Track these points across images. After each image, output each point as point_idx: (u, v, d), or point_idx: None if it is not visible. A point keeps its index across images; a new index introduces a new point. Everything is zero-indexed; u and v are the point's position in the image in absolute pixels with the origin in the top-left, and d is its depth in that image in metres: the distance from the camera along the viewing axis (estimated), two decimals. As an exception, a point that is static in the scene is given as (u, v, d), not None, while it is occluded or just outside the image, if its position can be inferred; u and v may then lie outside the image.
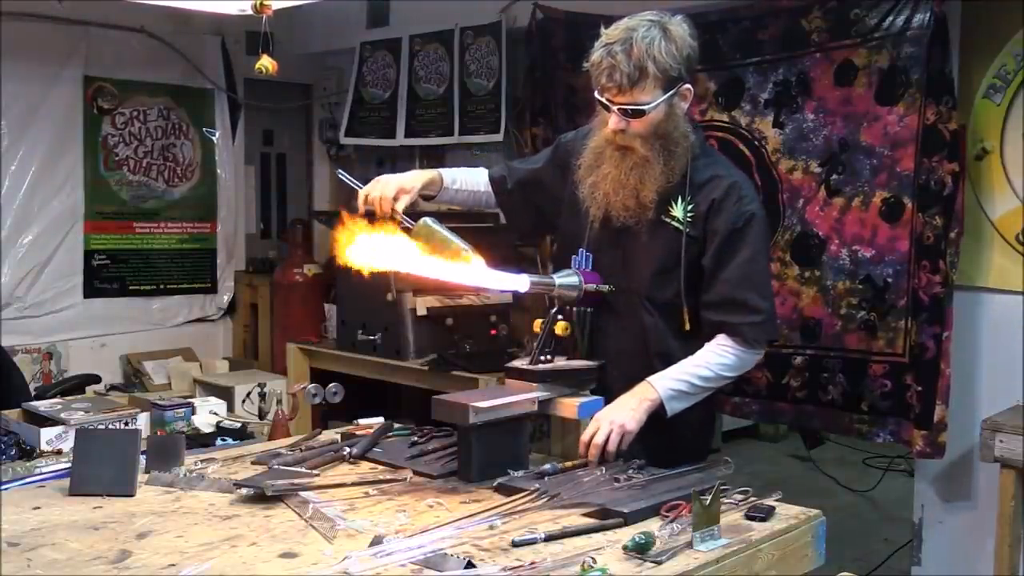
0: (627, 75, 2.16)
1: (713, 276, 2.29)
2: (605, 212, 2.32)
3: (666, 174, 2.26)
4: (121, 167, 5.37)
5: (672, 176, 2.26)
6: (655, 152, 2.25)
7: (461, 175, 2.56)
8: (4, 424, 2.60)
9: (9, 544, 1.68)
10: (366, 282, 4.47)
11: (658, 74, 2.17)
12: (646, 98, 2.19)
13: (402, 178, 2.40)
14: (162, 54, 5.41)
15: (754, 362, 2.34)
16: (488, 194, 2.59)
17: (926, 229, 3.32)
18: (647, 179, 2.25)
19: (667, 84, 2.20)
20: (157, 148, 5.50)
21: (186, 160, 5.61)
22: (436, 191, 2.51)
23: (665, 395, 2.23)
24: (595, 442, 2.16)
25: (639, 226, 2.30)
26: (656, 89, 2.19)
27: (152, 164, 5.48)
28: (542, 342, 2.26)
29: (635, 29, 2.19)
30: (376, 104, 5.42)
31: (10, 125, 4.92)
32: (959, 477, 3.49)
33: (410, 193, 2.38)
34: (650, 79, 2.17)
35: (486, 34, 4.88)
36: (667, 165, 2.26)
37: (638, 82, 2.17)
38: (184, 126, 5.60)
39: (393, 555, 1.59)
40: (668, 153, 2.25)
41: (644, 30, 2.18)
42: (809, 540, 1.86)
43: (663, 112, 2.22)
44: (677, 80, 2.21)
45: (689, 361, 2.27)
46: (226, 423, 2.98)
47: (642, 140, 2.24)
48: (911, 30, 3.34)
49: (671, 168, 2.26)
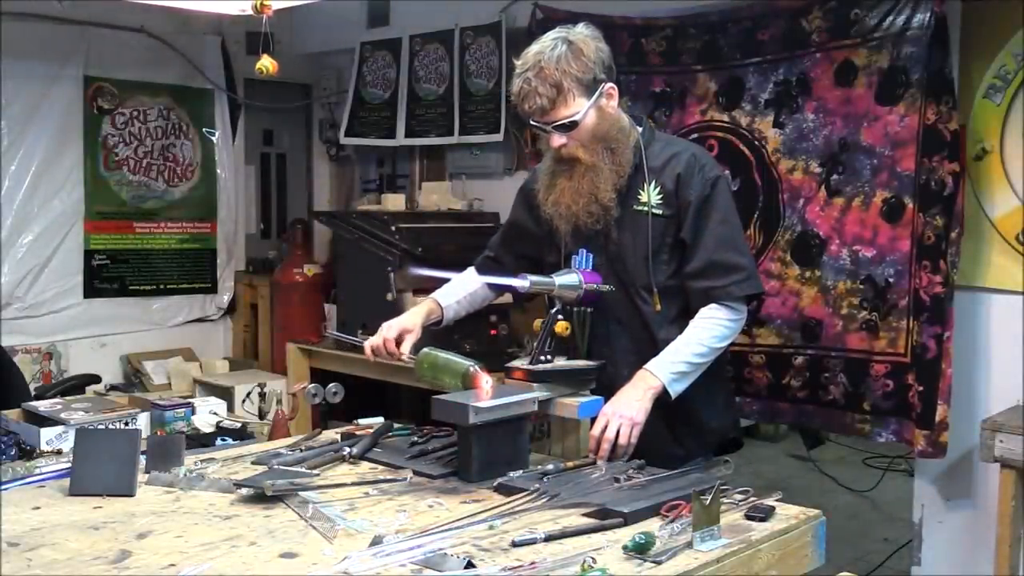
0: (546, 96, 2.25)
1: (693, 246, 2.36)
2: (573, 224, 2.38)
3: (616, 170, 2.34)
4: (121, 167, 5.37)
5: (623, 171, 2.35)
6: (599, 155, 2.33)
7: (455, 288, 2.63)
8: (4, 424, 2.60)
9: (9, 544, 1.68)
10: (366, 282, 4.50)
11: (575, 86, 2.26)
12: (572, 110, 2.28)
13: (403, 321, 2.50)
14: (162, 54, 5.41)
15: (740, 326, 2.39)
16: (483, 287, 2.63)
17: (927, 229, 3.32)
18: (599, 181, 2.33)
19: (588, 91, 2.29)
20: (157, 148, 5.49)
21: (186, 160, 5.61)
22: (439, 318, 2.59)
23: (667, 379, 2.26)
24: (606, 437, 2.18)
25: (611, 225, 2.36)
26: (579, 98, 2.28)
27: (152, 164, 5.48)
28: (542, 342, 2.26)
29: (542, 52, 2.28)
30: (376, 104, 5.42)
31: (10, 125, 4.92)
32: (959, 477, 3.49)
33: (413, 332, 2.49)
34: (569, 92, 2.26)
35: (486, 34, 4.88)
36: (615, 162, 2.34)
37: (558, 99, 2.26)
38: (184, 126, 5.60)
39: (393, 555, 1.59)
40: (612, 151, 2.34)
41: (550, 50, 2.27)
42: (809, 540, 1.86)
43: (594, 117, 2.31)
44: (596, 83, 2.30)
45: (681, 340, 2.32)
46: (226, 423, 2.98)
47: (584, 148, 2.32)
48: (911, 30, 3.34)
49: (619, 164, 2.34)
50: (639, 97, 4.00)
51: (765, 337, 3.68)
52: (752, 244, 3.73)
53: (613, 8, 4.05)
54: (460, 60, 5.02)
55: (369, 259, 4.43)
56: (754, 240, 3.72)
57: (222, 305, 5.77)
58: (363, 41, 5.44)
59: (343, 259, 4.81)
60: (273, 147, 6.19)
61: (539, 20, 4.20)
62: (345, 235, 4.66)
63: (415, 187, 5.40)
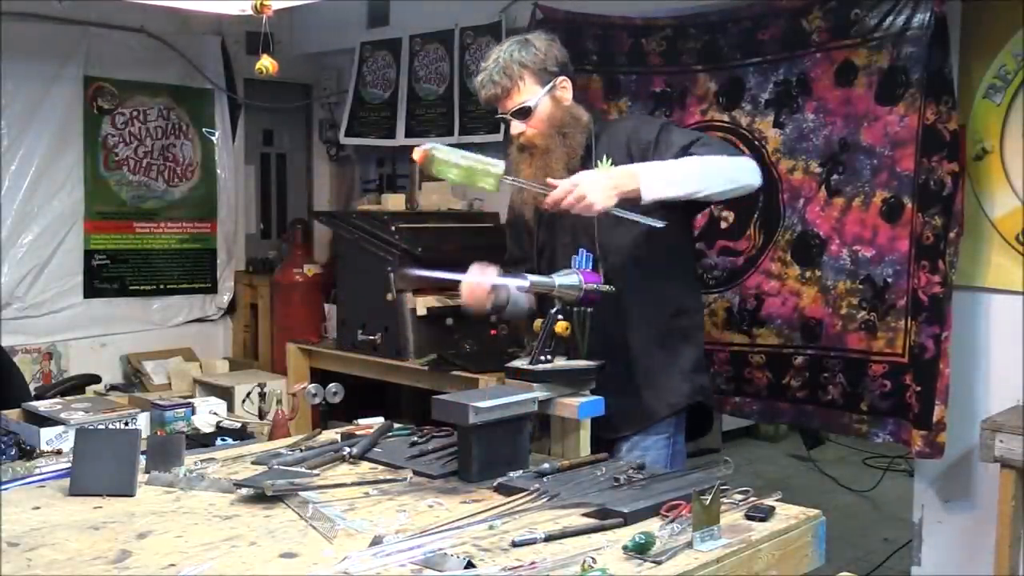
0: (500, 85, 2.47)
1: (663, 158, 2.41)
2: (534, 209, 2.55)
3: (567, 152, 2.49)
4: (121, 167, 5.37)
5: (573, 152, 2.50)
6: (553, 139, 2.50)
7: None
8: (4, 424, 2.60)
9: (9, 544, 1.68)
10: (366, 282, 4.50)
11: (529, 75, 2.48)
12: (524, 97, 2.48)
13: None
14: (162, 54, 5.41)
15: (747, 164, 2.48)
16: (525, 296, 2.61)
17: (926, 229, 3.32)
18: (551, 160, 2.48)
19: (540, 80, 2.49)
20: (157, 148, 5.50)
21: (186, 160, 5.61)
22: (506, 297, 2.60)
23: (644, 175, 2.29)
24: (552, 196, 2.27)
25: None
26: (534, 86, 2.48)
27: (152, 164, 5.48)
28: (542, 342, 2.26)
29: (501, 49, 2.52)
30: (376, 104, 5.42)
31: (10, 125, 4.92)
32: (959, 477, 3.49)
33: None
34: (524, 80, 2.48)
35: (486, 34, 4.88)
36: (566, 145, 2.50)
37: (514, 86, 2.47)
38: (184, 126, 5.60)
39: (393, 555, 1.59)
40: (564, 136, 2.50)
41: (507, 46, 2.52)
42: (809, 540, 1.86)
43: (549, 105, 2.50)
44: (550, 75, 2.50)
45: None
46: (226, 423, 2.98)
47: (540, 135, 2.50)
48: (911, 30, 3.34)
49: (570, 145, 2.50)
50: (639, 97, 4.00)
51: (765, 337, 3.68)
52: (752, 244, 3.74)
53: (613, 8, 4.05)
54: (460, 60, 5.02)
55: (369, 259, 4.43)
56: (754, 240, 3.72)
57: (222, 305, 5.77)
58: (363, 41, 5.44)
59: (343, 259, 4.81)
60: (273, 147, 6.19)
61: (539, 20, 4.20)
62: (345, 235, 4.67)
63: (415, 187, 5.39)
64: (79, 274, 5.24)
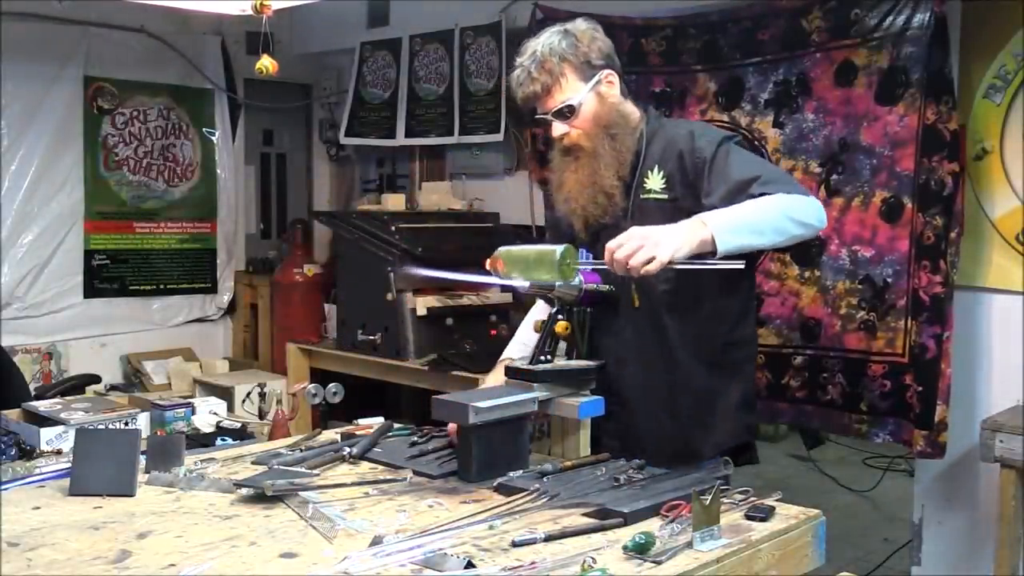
0: (540, 82, 2.23)
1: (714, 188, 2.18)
2: (584, 221, 2.32)
3: (616, 156, 2.27)
4: (121, 167, 5.37)
5: (623, 157, 2.27)
6: (600, 141, 2.27)
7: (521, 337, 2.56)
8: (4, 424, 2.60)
9: (9, 544, 1.68)
10: (366, 282, 4.50)
11: (571, 70, 2.24)
12: (567, 95, 2.25)
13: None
14: (162, 54, 5.41)
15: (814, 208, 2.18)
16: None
17: (926, 229, 3.32)
18: (599, 167, 2.26)
19: (584, 75, 2.25)
20: (157, 148, 5.50)
21: (186, 160, 5.61)
22: None
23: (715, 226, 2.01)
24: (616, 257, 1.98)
25: (619, 217, 2.28)
26: (577, 83, 2.25)
27: (152, 164, 5.49)
28: (542, 342, 2.26)
29: (539, 42, 2.27)
30: (376, 104, 5.43)
31: (10, 125, 4.93)
32: (959, 477, 3.49)
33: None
34: (566, 77, 2.24)
35: (486, 34, 4.88)
36: (615, 149, 2.27)
37: (556, 83, 2.23)
38: (184, 126, 5.60)
39: (393, 555, 1.58)
40: (612, 137, 2.27)
41: (546, 38, 2.27)
42: (809, 540, 1.86)
43: (594, 103, 2.27)
44: (594, 69, 2.27)
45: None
46: (226, 423, 2.98)
47: (586, 136, 2.27)
48: (911, 30, 3.34)
49: (619, 150, 2.27)
50: (639, 97, 3.95)
51: (765, 337, 3.68)
52: (752, 244, 3.73)
53: (613, 8, 4.05)
54: (460, 60, 5.02)
55: (369, 259, 4.44)
56: (754, 240, 3.71)
57: (222, 305, 5.78)
58: (363, 41, 5.44)
59: (343, 259, 4.81)
60: (273, 147, 6.20)
61: (539, 20, 4.20)
62: (345, 235, 4.67)
63: (415, 187, 5.40)
64: (79, 274, 5.24)
